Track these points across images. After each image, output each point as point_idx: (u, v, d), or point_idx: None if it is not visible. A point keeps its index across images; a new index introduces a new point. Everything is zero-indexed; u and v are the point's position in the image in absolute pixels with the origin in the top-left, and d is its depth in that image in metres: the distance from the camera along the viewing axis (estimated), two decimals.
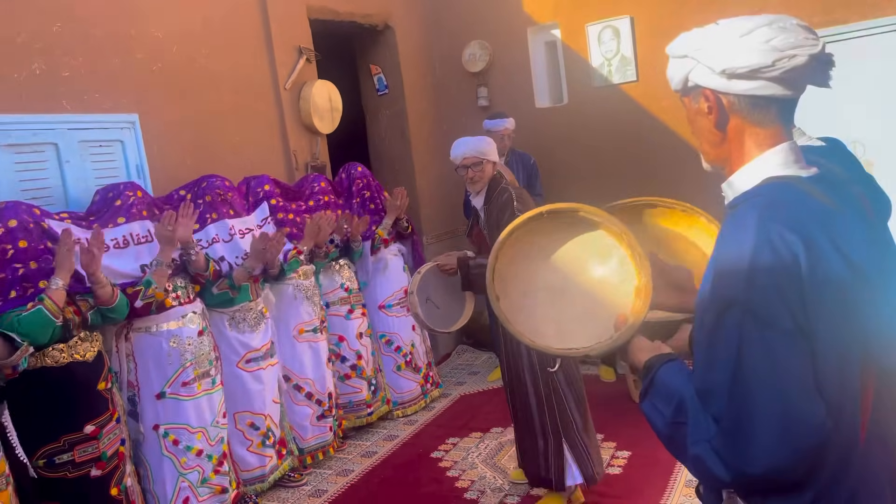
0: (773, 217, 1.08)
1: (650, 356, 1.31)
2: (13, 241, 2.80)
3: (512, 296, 1.52)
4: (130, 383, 3.28)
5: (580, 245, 1.54)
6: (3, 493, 2.54)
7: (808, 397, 1.04)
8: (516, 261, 1.54)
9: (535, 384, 3.19)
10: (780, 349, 1.04)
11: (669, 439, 1.17)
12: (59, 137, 3.42)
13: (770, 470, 1.05)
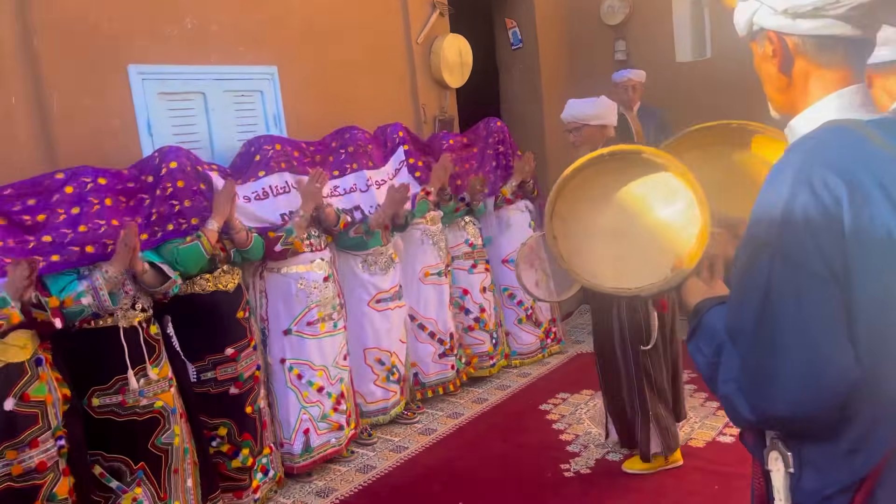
0: (817, 159, 1.04)
1: (701, 299, 1.29)
2: (173, 181, 3.12)
3: (570, 236, 1.53)
4: (262, 317, 3.59)
5: (644, 187, 1.52)
6: (167, 394, 2.93)
7: (835, 342, 1.01)
8: (578, 202, 1.54)
9: (625, 357, 3.20)
10: (809, 292, 1.01)
11: (709, 379, 1.17)
12: (207, 87, 3.75)
13: (792, 411, 1.04)
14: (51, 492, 2.52)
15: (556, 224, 1.52)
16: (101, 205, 2.86)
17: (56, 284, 2.67)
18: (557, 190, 1.53)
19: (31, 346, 2.56)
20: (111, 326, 2.80)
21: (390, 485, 3.51)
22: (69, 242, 2.73)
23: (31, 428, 2.48)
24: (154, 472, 2.88)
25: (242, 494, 3.31)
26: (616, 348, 3.22)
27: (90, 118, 3.26)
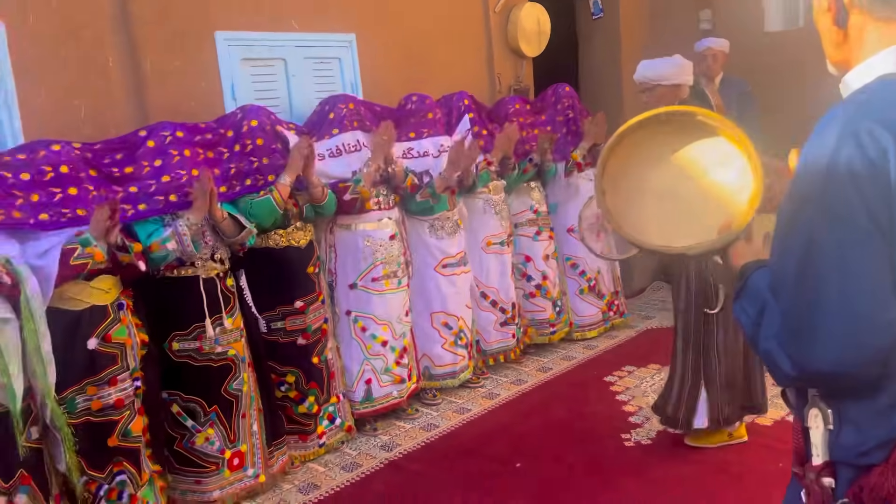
0: (865, 112, 1.01)
1: (747, 261, 1.29)
2: (253, 138, 3.27)
3: (620, 193, 1.53)
4: (330, 271, 3.74)
5: (697, 150, 1.51)
6: (238, 344, 3.11)
7: (878, 297, 0.99)
8: (630, 161, 1.54)
9: (685, 320, 3.15)
10: (851, 246, 1.00)
11: (753, 339, 1.16)
12: (288, 53, 3.88)
13: (833, 367, 1.02)
14: (126, 428, 2.72)
15: (605, 181, 1.53)
16: (181, 156, 3.03)
17: (144, 231, 2.87)
18: (610, 147, 1.54)
19: (114, 291, 2.76)
20: (192, 276, 2.98)
21: (452, 443, 3.60)
22: (154, 192, 2.92)
23: (111, 367, 2.68)
24: (225, 416, 3.06)
25: (307, 438, 3.48)
26: (678, 311, 3.17)
27: (179, 80, 3.44)
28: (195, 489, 3.04)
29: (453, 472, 3.29)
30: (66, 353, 2.56)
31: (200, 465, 3.03)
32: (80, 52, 3.09)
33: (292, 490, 3.27)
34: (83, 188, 2.76)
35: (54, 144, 2.76)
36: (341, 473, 3.38)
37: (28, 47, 2.93)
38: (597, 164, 1.57)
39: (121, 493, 2.70)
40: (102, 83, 3.18)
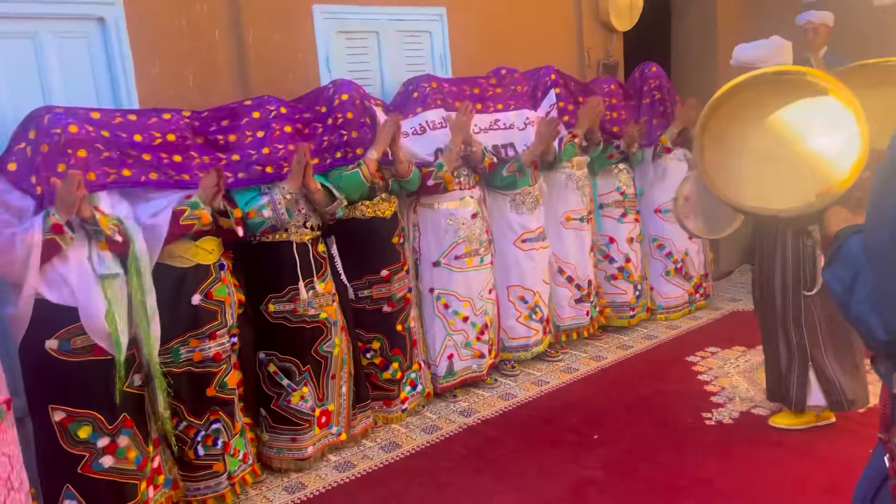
0: None
1: (843, 226, 1.27)
2: (343, 112, 3.39)
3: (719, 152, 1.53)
4: (414, 249, 3.84)
5: (803, 112, 1.48)
6: (330, 307, 3.26)
7: None
8: (732, 121, 1.53)
9: (784, 301, 3.08)
10: None
11: (844, 305, 1.15)
12: (381, 27, 3.98)
13: None
14: (223, 380, 2.91)
15: (705, 139, 1.53)
16: (282, 131, 3.17)
17: (242, 198, 3.03)
18: (712, 107, 1.54)
19: (217, 252, 2.95)
20: (286, 241, 3.13)
21: (529, 413, 3.66)
22: (253, 162, 3.07)
23: (212, 322, 2.87)
24: (316, 375, 3.23)
25: (391, 403, 3.62)
26: (776, 292, 3.11)
27: (278, 52, 3.59)
28: (291, 447, 3.21)
29: (530, 439, 3.36)
30: (173, 307, 2.76)
31: (295, 423, 3.20)
32: (192, 25, 3.27)
33: (374, 448, 3.42)
34: (188, 156, 2.94)
35: (165, 113, 2.95)
36: (421, 435, 3.51)
37: (145, 20, 3.13)
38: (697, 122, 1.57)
39: (216, 439, 2.90)
40: (209, 55, 3.36)
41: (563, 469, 3.06)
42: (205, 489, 2.90)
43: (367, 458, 3.33)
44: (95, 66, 3.07)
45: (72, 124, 2.57)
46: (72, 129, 2.56)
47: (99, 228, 2.47)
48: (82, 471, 2.52)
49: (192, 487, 2.90)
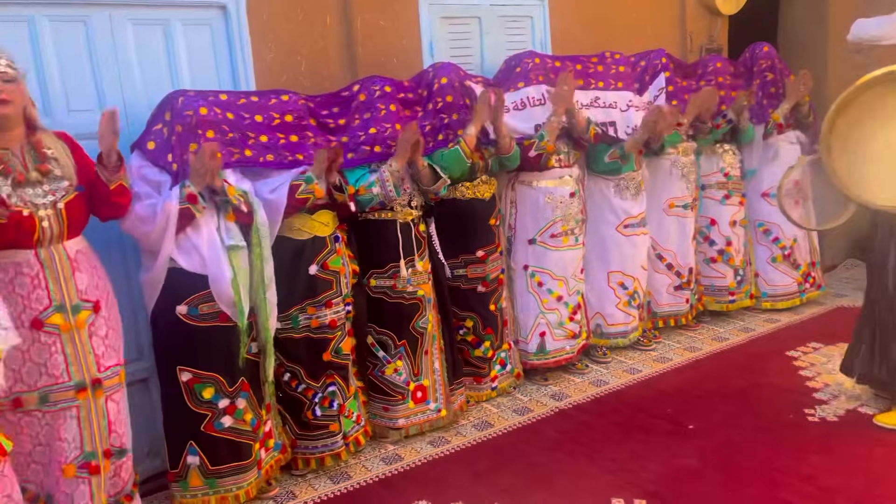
0: None
1: None
2: (443, 96, 3.46)
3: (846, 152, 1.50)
4: (510, 226, 3.88)
5: None
6: (426, 285, 3.36)
7: None
8: (860, 120, 1.49)
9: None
10: None
11: None
12: (483, 12, 4.02)
13: None
14: (338, 346, 3.07)
15: (833, 139, 1.50)
16: (387, 110, 3.27)
17: (352, 176, 3.16)
18: (840, 106, 1.51)
19: (332, 225, 3.09)
20: (390, 220, 3.25)
21: (622, 400, 3.66)
22: (361, 143, 3.20)
23: (328, 291, 3.02)
24: (411, 350, 3.34)
25: (482, 380, 3.71)
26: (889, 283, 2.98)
27: (384, 38, 3.70)
28: (383, 415, 3.36)
29: (624, 426, 3.36)
30: (292, 277, 2.93)
31: (389, 393, 3.34)
32: (305, 12, 3.42)
33: (467, 426, 3.51)
34: (303, 135, 3.10)
35: (284, 95, 3.11)
36: (513, 416, 3.57)
37: (263, 7, 3.29)
38: (823, 122, 1.55)
39: (331, 401, 3.07)
40: (321, 40, 3.49)
41: (658, 456, 3.05)
42: (322, 447, 3.08)
43: (460, 434, 3.42)
44: (217, 52, 3.25)
45: (202, 106, 2.76)
46: (202, 110, 2.75)
47: (227, 198, 2.67)
48: (205, 429, 2.72)
49: (311, 446, 3.09)
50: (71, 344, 2.32)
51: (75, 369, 2.33)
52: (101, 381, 2.39)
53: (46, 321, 2.28)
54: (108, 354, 2.42)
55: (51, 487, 2.37)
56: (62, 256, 2.33)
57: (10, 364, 2.26)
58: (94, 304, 2.39)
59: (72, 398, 2.34)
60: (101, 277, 2.47)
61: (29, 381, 2.29)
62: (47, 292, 2.29)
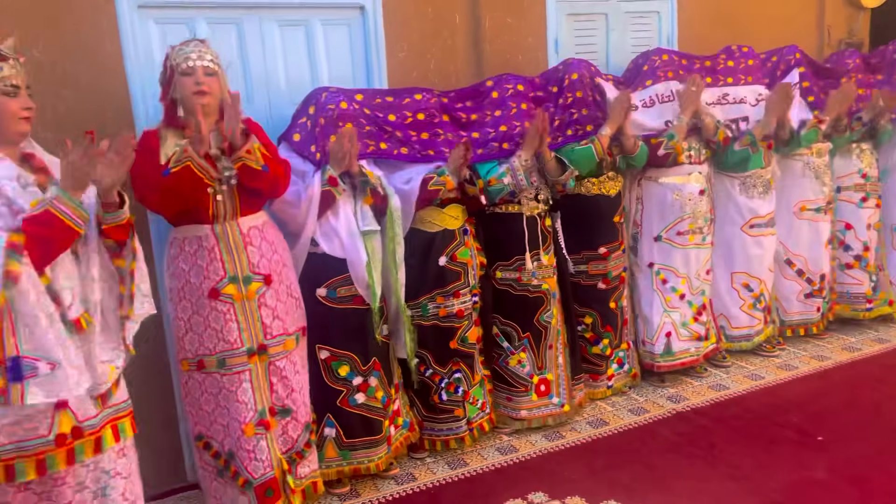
0: None
1: None
2: (573, 91, 3.48)
3: None
4: (635, 222, 3.85)
5: None
6: (551, 279, 3.39)
7: None
8: None
9: None
10: None
11: None
12: (610, 8, 4.01)
13: None
14: (464, 335, 3.17)
15: None
16: (518, 108, 3.33)
17: (482, 169, 3.24)
18: None
19: (461, 218, 3.19)
20: (517, 213, 3.30)
21: (744, 406, 3.56)
22: (491, 139, 3.27)
23: (456, 282, 3.13)
24: (535, 343, 3.38)
25: (598, 378, 3.70)
26: None
27: (510, 35, 3.76)
28: (507, 405, 3.43)
29: (746, 433, 3.27)
30: (422, 267, 3.06)
31: (512, 384, 3.40)
32: (436, 11, 3.53)
33: (581, 422, 3.52)
34: (434, 132, 3.21)
35: (417, 94, 3.22)
36: (628, 415, 3.55)
37: (398, 7, 3.42)
38: None
39: (457, 387, 3.19)
40: (450, 39, 3.59)
41: (784, 467, 2.96)
42: (447, 431, 3.21)
43: (574, 430, 3.44)
44: (354, 50, 3.41)
45: (343, 101, 2.93)
46: (343, 105, 2.91)
47: (366, 179, 2.83)
48: (340, 403, 2.89)
49: (437, 428, 3.22)
50: (243, 313, 2.54)
51: (246, 336, 2.54)
52: (266, 348, 2.58)
53: (222, 291, 2.50)
54: (276, 324, 2.61)
55: (232, 445, 2.59)
56: (235, 232, 2.52)
57: (195, 329, 2.53)
58: (264, 277, 2.57)
59: (244, 362, 2.55)
60: (276, 252, 2.64)
61: (209, 346, 2.53)
62: (222, 264, 2.50)
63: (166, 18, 2.96)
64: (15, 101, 1.95)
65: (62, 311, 1.93)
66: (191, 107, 2.45)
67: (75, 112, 2.77)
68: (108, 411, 2.07)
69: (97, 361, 2.02)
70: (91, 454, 1.99)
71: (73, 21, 2.74)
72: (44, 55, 2.68)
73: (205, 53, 2.47)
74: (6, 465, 1.87)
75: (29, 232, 1.82)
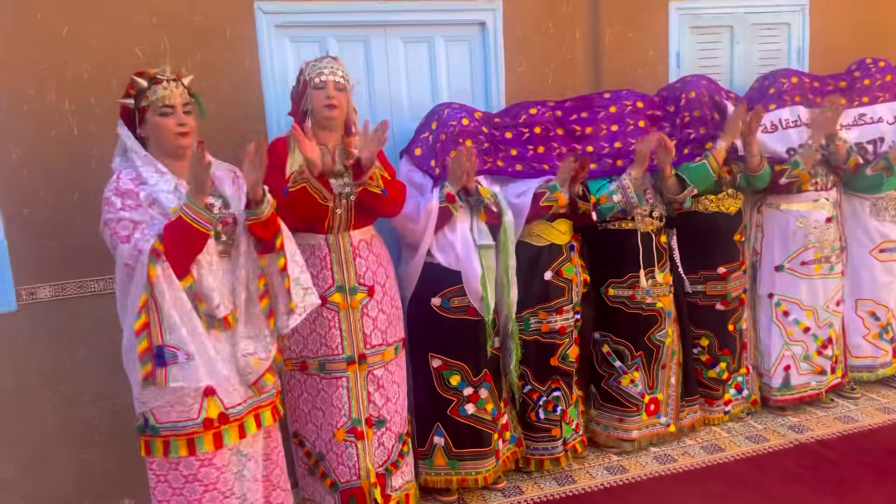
0: None
1: None
2: (690, 111, 3.39)
3: None
4: (755, 250, 3.68)
5: None
6: (666, 298, 3.31)
7: None
8: None
9: None
10: None
11: None
12: (736, 20, 3.88)
13: None
14: (565, 353, 3.15)
15: None
16: (635, 126, 3.28)
17: (594, 186, 3.21)
18: None
19: (568, 234, 3.17)
20: (630, 229, 3.25)
21: (875, 440, 3.33)
22: (605, 154, 3.24)
23: (560, 298, 3.10)
24: (647, 362, 3.31)
25: (713, 403, 3.57)
26: None
27: (630, 49, 3.71)
28: (617, 426, 3.36)
29: (878, 468, 3.07)
30: (528, 281, 3.05)
31: (624, 404, 3.34)
32: (556, 27, 3.54)
33: (695, 446, 3.40)
34: (549, 146, 3.22)
35: (532, 108, 3.24)
36: (746, 442, 3.40)
37: (517, 22, 3.46)
38: None
39: (555, 406, 3.15)
40: (568, 54, 3.59)
41: None
42: (542, 450, 3.18)
43: (687, 454, 3.33)
44: (473, 66, 3.47)
45: (464, 117, 3.00)
46: (464, 121, 2.98)
47: (481, 198, 2.87)
48: (450, 413, 2.94)
49: (532, 447, 3.20)
50: (346, 321, 2.63)
51: (347, 343, 2.63)
52: (366, 357, 2.66)
53: (329, 298, 2.59)
54: (375, 334, 2.68)
55: (322, 447, 2.70)
56: (346, 243, 2.62)
57: (301, 331, 2.62)
58: (369, 289, 2.65)
59: (343, 369, 2.64)
60: (381, 265, 2.72)
61: (313, 349, 2.64)
62: (331, 273, 2.60)
63: (300, 37, 3.14)
64: (170, 120, 2.13)
65: (210, 309, 2.12)
66: (319, 119, 2.58)
67: (216, 123, 2.95)
68: (252, 400, 2.24)
69: (240, 354, 2.19)
70: (236, 439, 2.17)
71: (218, 42, 2.96)
72: (192, 72, 2.90)
73: (336, 70, 2.58)
74: (164, 441, 2.10)
75: (167, 237, 2.00)
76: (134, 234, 2.02)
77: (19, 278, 2.79)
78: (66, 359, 2.88)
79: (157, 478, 2.16)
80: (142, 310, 1.97)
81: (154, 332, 1.99)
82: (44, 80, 2.74)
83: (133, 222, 2.04)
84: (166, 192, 2.10)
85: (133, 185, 2.10)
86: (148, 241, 1.98)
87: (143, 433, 2.14)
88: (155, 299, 1.98)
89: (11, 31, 2.69)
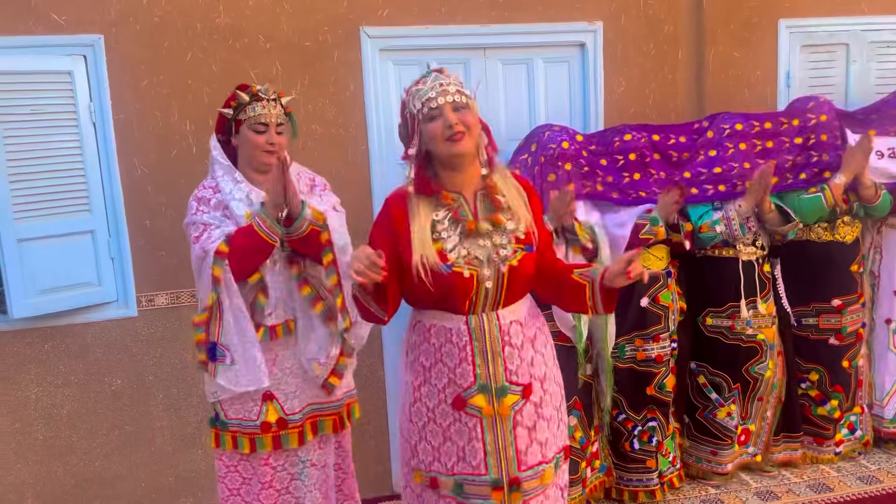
0: None
1: None
2: (817, 134, 3.21)
3: None
4: (873, 273, 3.47)
5: None
6: (769, 329, 3.19)
7: None
8: None
9: None
10: None
11: None
12: (852, 38, 3.68)
13: None
14: (661, 382, 3.06)
15: None
16: (736, 149, 3.15)
17: (695, 212, 3.11)
18: None
19: (665, 260, 3.10)
20: (732, 257, 3.14)
21: None
22: (704, 180, 3.12)
23: (656, 325, 3.03)
24: (743, 394, 3.19)
25: (823, 442, 3.38)
26: None
27: (736, 69, 3.59)
28: (711, 459, 3.24)
29: None
30: (623, 307, 2.97)
31: (718, 437, 3.21)
32: (657, 47, 3.48)
33: (801, 484, 3.23)
34: (646, 172, 3.14)
35: (626, 134, 3.14)
36: (857, 483, 3.20)
37: (618, 43, 3.43)
38: None
39: (650, 437, 3.07)
40: (670, 74, 3.52)
41: None
42: (636, 482, 3.10)
43: (791, 492, 3.17)
44: (572, 87, 3.46)
45: (564, 140, 2.98)
46: (564, 144, 2.97)
47: (577, 238, 2.81)
48: None
49: (626, 478, 3.12)
50: (492, 432, 1.87)
51: (493, 462, 1.87)
52: (520, 482, 1.88)
53: (469, 401, 1.85)
54: (533, 450, 1.89)
55: None
56: (494, 327, 1.86)
57: (431, 440, 1.91)
58: (523, 388, 1.87)
59: (486, 495, 1.87)
60: (537, 351, 1.94)
61: (446, 462, 1.90)
62: (473, 367, 1.85)
63: (403, 60, 3.23)
64: (262, 137, 2.24)
65: (261, 317, 2.21)
66: (444, 158, 1.83)
67: (322, 143, 3.12)
68: (311, 407, 2.32)
69: (304, 359, 2.28)
70: (296, 444, 2.28)
71: (325, 65, 3.09)
72: (300, 95, 3.05)
73: (448, 85, 1.82)
74: (233, 436, 2.27)
75: (233, 242, 2.12)
76: (202, 236, 2.16)
77: (140, 286, 3.01)
78: (177, 363, 3.07)
79: (227, 468, 2.31)
80: (210, 308, 2.13)
81: (213, 329, 2.15)
82: (168, 103, 2.95)
83: (204, 225, 2.18)
84: (237, 200, 2.21)
85: (210, 193, 2.24)
86: (214, 243, 2.11)
87: (214, 426, 2.29)
88: (220, 299, 2.13)
89: (145, 59, 2.91)
